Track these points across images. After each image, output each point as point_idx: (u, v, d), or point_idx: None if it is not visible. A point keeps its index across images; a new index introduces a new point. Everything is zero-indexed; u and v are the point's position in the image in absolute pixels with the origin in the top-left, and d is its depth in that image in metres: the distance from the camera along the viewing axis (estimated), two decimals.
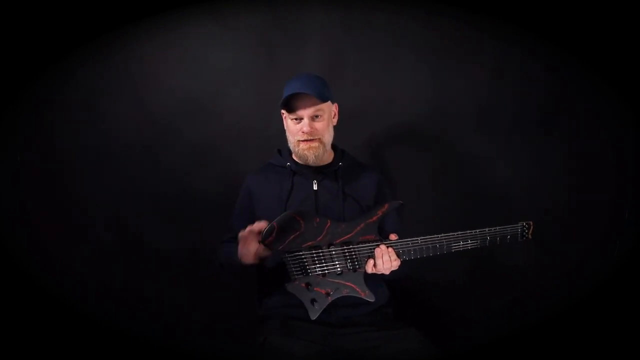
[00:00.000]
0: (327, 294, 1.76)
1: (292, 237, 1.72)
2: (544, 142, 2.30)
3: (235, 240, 1.79)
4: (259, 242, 1.71)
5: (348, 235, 1.76)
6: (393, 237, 1.77)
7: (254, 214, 1.90)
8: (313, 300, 1.75)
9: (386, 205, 1.78)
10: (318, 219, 1.75)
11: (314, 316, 1.76)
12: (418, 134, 2.35)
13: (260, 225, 1.69)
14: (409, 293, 2.21)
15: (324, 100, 1.86)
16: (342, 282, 1.77)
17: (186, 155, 2.36)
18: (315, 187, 1.90)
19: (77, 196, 2.33)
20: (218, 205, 2.22)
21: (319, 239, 1.75)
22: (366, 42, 2.32)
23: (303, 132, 1.85)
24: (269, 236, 1.69)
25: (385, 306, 1.93)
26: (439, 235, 1.77)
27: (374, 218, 1.77)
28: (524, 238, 1.83)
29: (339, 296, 1.77)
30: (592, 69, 2.22)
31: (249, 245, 1.73)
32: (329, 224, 1.75)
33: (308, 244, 1.74)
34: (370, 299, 1.78)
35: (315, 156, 1.88)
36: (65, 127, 2.32)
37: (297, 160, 1.94)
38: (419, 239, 1.76)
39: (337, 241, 1.76)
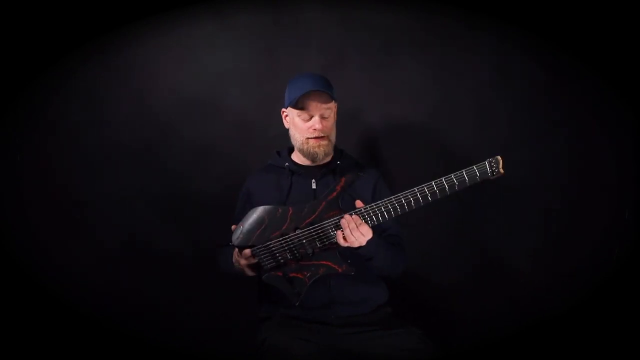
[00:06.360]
0: (305, 277, 1.76)
1: (257, 231, 1.76)
2: (543, 142, 2.30)
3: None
4: (229, 244, 1.79)
5: (312, 217, 1.76)
6: (359, 204, 1.73)
7: None
8: (292, 286, 1.76)
9: (342, 180, 1.76)
10: (280, 210, 1.78)
11: (296, 301, 1.75)
12: (418, 133, 2.35)
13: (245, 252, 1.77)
14: (408, 292, 2.21)
15: (334, 99, 1.87)
16: (317, 262, 1.76)
17: (187, 156, 2.36)
18: (314, 186, 1.91)
19: (77, 196, 2.33)
20: (219, 206, 2.23)
21: (284, 227, 1.76)
22: (366, 42, 2.32)
23: (314, 129, 1.85)
24: (237, 237, 1.77)
25: (385, 305, 1.93)
26: (404, 192, 1.70)
27: (334, 194, 1.76)
28: (495, 174, 1.74)
29: (316, 277, 1.76)
30: (592, 69, 2.22)
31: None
32: (290, 211, 1.77)
33: (275, 234, 1.76)
34: (349, 272, 1.75)
35: (324, 153, 1.89)
36: (65, 127, 2.32)
37: (300, 160, 1.95)
38: (381, 201, 1.72)
39: (303, 224, 1.76)
